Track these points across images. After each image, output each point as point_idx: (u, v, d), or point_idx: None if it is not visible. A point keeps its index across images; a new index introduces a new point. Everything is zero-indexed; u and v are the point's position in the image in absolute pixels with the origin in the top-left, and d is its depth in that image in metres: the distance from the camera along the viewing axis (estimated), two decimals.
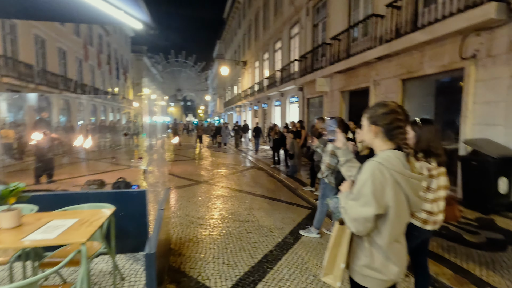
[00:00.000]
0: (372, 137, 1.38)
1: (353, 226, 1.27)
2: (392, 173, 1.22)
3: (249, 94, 23.37)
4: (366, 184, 1.23)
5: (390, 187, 1.22)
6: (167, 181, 7.40)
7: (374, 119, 1.36)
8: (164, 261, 2.78)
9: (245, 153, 14.31)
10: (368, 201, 1.21)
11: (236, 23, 30.54)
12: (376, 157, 1.30)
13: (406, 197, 1.27)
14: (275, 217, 4.57)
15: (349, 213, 1.27)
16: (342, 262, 1.37)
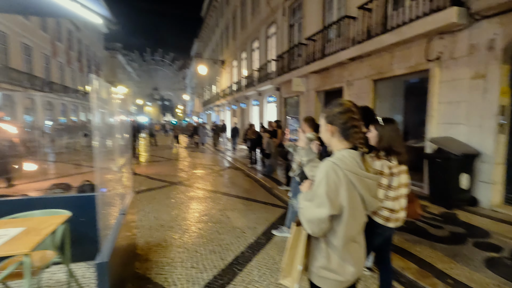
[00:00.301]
0: (329, 137, 1.37)
1: (308, 227, 1.25)
2: (346, 173, 1.21)
3: (228, 93, 23.21)
4: (321, 184, 1.21)
5: (344, 188, 1.21)
6: (138, 183, 7.15)
7: (330, 119, 1.35)
8: (128, 268, 2.65)
9: (222, 153, 14.18)
10: (322, 202, 1.19)
11: (214, 21, 30.22)
12: (331, 157, 1.29)
13: (361, 197, 1.26)
14: (249, 218, 4.53)
15: (304, 214, 1.25)
16: (299, 264, 1.34)
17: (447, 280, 2.69)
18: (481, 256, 3.16)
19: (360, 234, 1.35)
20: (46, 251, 2.22)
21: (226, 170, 9.34)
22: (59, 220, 2.03)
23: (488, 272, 2.85)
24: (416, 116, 7.92)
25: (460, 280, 2.71)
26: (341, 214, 1.23)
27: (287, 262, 1.40)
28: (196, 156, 13.11)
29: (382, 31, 6.49)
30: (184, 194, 6.01)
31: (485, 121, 4.81)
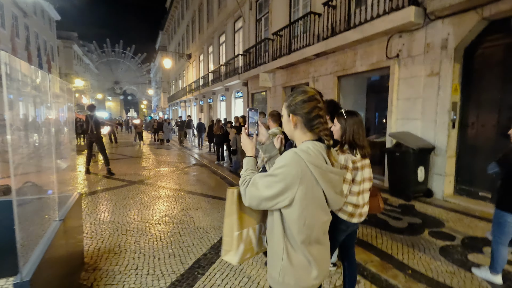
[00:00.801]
0: (292, 128, 1.23)
1: (248, 202, 1.18)
2: (309, 165, 1.08)
3: (194, 88, 22.54)
4: (277, 171, 1.10)
5: (303, 181, 1.08)
6: (93, 183, 6.60)
7: (292, 108, 1.21)
8: (70, 280, 2.34)
9: (188, 149, 13.73)
10: (271, 186, 1.10)
11: (179, 13, 29.11)
12: (296, 147, 1.17)
13: (324, 193, 1.14)
14: (213, 216, 4.34)
15: (250, 191, 1.16)
16: (235, 230, 1.25)
17: (407, 271, 2.75)
18: (436, 245, 3.30)
19: (324, 234, 1.23)
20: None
21: (191, 167, 9.00)
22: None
23: (443, 260, 2.97)
24: (378, 112, 8.25)
25: (418, 270, 2.78)
26: (293, 210, 1.11)
27: (226, 232, 1.29)
28: (160, 153, 12.53)
29: (345, 28, 6.60)
30: (144, 194, 5.63)
31: (439, 117, 5.09)
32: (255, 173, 1.23)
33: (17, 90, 1.52)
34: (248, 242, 1.30)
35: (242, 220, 1.28)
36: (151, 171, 8.24)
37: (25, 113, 3.39)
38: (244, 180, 1.20)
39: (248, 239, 1.30)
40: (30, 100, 1.94)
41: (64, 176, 2.69)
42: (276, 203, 1.11)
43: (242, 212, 1.28)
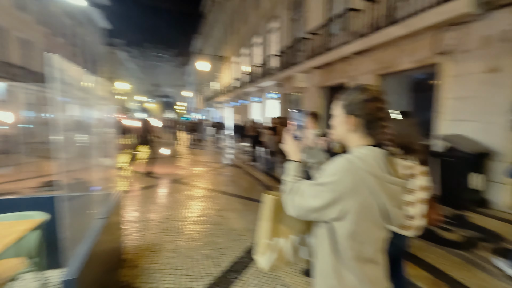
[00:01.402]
0: (347, 131, 1.09)
1: (293, 211, 1.08)
2: (365, 175, 0.96)
3: (229, 90, 22.93)
4: (327, 180, 1.00)
5: (356, 192, 0.95)
6: (134, 181, 6.93)
7: (352, 108, 1.07)
8: (111, 276, 2.42)
9: (223, 150, 13.94)
10: (319, 195, 1.00)
11: (214, 17, 29.86)
12: (350, 153, 1.04)
13: (381, 207, 1.01)
14: (248, 219, 4.29)
15: (295, 199, 1.07)
16: (266, 238, 1.21)
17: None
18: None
19: (379, 253, 1.08)
20: (16, 260, 1.98)
21: (226, 167, 9.10)
22: (29, 226, 1.79)
23: (504, 280, 2.60)
24: (423, 113, 7.63)
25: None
26: (345, 224, 0.99)
27: (259, 235, 1.25)
28: (196, 153, 12.87)
29: (388, 23, 6.20)
30: (180, 193, 5.78)
31: (497, 118, 4.54)
32: (300, 180, 1.13)
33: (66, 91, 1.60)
34: (280, 251, 1.22)
35: (276, 229, 1.23)
36: (187, 170, 8.47)
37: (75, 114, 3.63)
38: (291, 187, 1.11)
39: (281, 249, 1.22)
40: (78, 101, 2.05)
41: (108, 174, 2.81)
42: (324, 215, 1.02)
43: (276, 220, 1.22)
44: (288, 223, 1.24)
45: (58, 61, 1.45)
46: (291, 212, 1.09)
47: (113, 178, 3.00)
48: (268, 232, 1.21)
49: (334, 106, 1.15)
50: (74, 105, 1.94)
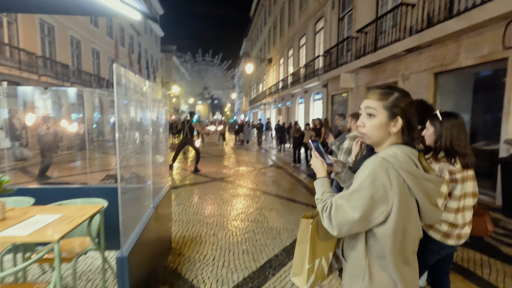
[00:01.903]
0: (387, 132, 1.07)
1: (336, 230, 1.00)
2: (401, 172, 0.95)
3: (273, 91, 23.11)
4: (364, 184, 0.96)
5: (395, 191, 0.94)
6: (182, 177, 7.42)
7: (400, 110, 1.04)
8: (160, 261, 2.68)
9: (266, 151, 14.11)
10: (360, 205, 0.95)
11: (262, 20, 30.35)
12: (380, 153, 1.03)
13: (418, 204, 0.99)
14: (287, 219, 4.33)
15: (336, 215, 1.00)
16: (307, 263, 1.18)
17: None
18: None
19: (413, 254, 1.05)
20: (85, 238, 2.33)
21: (268, 168, 9.22)
22: (94, 210, 2.09)
23: None
24: (488, 115, 6.83)
25: None
26: (386, 224, 0.97)
27: (297, 258, 1.25)
28: (240, 154, 13.25)
29: (446, 17, 5.69)
30: (224, 191, 6.04)
31: None
32: (333, 195, 1.09)
33: (125, 95, 1.85)
34: (320, 271, 1.24)
35: (315, 251, 1.20)
36: (231, 169, 8.78)
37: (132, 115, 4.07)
38: (325, 205, 1.05)
39: (320, 268, 1.24)
40: (135, 103, 2.32)
41: (160, 170, 3.10)
42: (371, 222, 0.98)
43: (315, 242, 1.19)
44: (325, 242, 1.23)
45: (121, 69, 1.68)
46: (334, 231, 1.01)
47: (164, 174, 3.30)
48: (308, 256, 1.17)
49: (372, 107, 1.08)
50: (133, 107, 2.21)
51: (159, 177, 3.11)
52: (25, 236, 1.61)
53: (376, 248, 1.01)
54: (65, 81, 15.99)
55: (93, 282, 2.50)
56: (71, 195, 2.59)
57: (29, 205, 2.38)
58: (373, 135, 1.09)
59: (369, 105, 1.08)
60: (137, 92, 2.47)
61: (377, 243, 1.01)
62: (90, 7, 2.40)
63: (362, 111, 1.12)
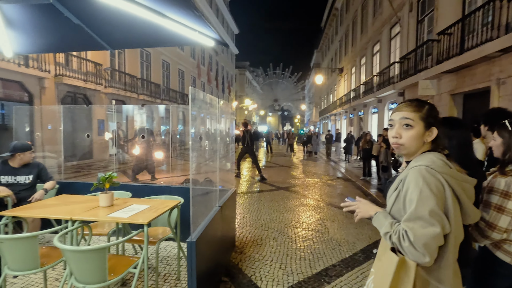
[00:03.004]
0: (423, 142, 1.12)
1: (426, 254, 0.94)
2: (445, 177, 1.00)
3: (344, 101, 22.34)
4: (424, 195, 0.96)
5: (447, 194, 0.99)
6: (250, 184, 7.86)
7: (434, 121, 1.12)
8: (225, 255, 3.01)
9: (335, 162, 13.70)
10: (435, 216, 0.95)
11: (333, 30, 29.95)
12: (417, 162, 1.08)
13: (461, 206, 1.04)
14: (349, 231, 4.23)
15: (416, 238, 0.94)
16: None
17: None
18: None
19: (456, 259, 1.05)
20: (166, 228, 2.83)
21: (335, 180, 8.98)
22: (173, 204, 2.56)
23: None
24: None
25: None
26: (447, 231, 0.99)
27: None
28: (307, 165, 13.20)
29: None
30: (288, 200, 6.21)
31: None
32: (399, 222, 1.05)
33: (198, 109, 2.27)
34: None
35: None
36: (297, 180, 8.88)
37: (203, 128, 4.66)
38: (400, 236, 0.98)
39: None
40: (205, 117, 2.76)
41: (226, 175, 3.50)
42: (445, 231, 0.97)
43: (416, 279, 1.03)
44: None
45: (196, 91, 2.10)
46: (424, 258, 0.94)
47: (229, 178, 3.70)
48: None
49: (410, 119, 1.11)
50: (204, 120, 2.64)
51: (225, 181, 3.51)
52: (125, 218, 2.12)
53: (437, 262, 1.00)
54: (157, 98, 18.75)
55: (170, 265, 2.99)
56: (157, 192, 3.19)
57: (128, 197, 3.03)
58: (410, 146, 1.12)
59: (406, 116, 1.12)
60: (209, 108, 2.91)
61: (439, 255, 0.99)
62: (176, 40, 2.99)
63: (395, 123, 1.17)
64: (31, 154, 3.18)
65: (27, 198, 2.96)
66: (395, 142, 1.16)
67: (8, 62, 9.34)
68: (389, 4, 12.58)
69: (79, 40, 3.06)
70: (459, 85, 8.02)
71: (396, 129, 1.15)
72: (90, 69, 13.08)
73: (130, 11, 2.18)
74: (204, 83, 28.88)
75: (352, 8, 20.75)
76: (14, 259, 1.98)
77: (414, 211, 0.97)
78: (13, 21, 2.67)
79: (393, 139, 1.17)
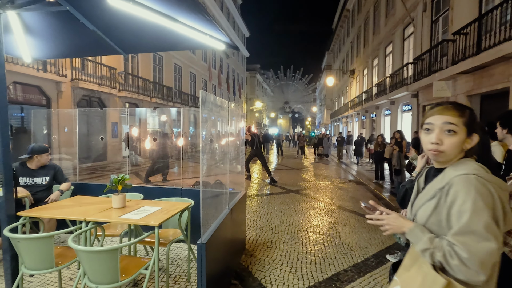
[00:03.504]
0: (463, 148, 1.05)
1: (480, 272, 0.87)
2: (494, 187, 0.93)
3: (356, 103, 22.06)
4: (477, 207, 0.90)
5: (498, 206, 0.92)
6: (260, 186, 7.85)
7: (475, 127, 1.06)
8: (235, 258, 3.01)
9: (346, 165, 13.52)
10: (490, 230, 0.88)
11: (344, 32, 29.70)
12: (459, 170, 1.00)
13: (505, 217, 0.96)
14: (361, 236, 4.16)
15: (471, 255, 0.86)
16: None
17: None
18: None
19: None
20: (176, 230, 2.85)
21: (346, 183, 8.86)
22: (184, 206, 2.58)
23: None
24: None
25: None
26: None
27: None
28: (318, 167, 13.07)
29: None
30: (298, 203, 6.15)
31: None
32: (442, 237, 0.98)
33: (209, 112, 2.29)
34: None
35: None
36: (307, 182, 8.81)
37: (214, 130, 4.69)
38: (446, 253, 0.92)
39: None
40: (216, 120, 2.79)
41: (236, 178, 3.51)
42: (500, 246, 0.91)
43: None
44: None
45: (207, 94, 2.11)
46: (478, 276, 0.87)
47: (239, 181, 3.70)
48: None
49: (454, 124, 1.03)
50: (213, 123, 2.66)
51: (235, 184, 3.51)
52: (137, 219, 2.15)
53: None
54: (169, 101, 19.03)
55: (181, 267, 3.01)
56: (168, 194, 3.23)
57: (140, 198, 3.07)
58: (451, 153, 1.04)
59: (450, 121, 1.02)
60: (220, 110, 2.93)
61: None
62: (188, 43, 3.03)
63: (434, 127, 1.06)
64: (48, 156, 3.28)
65: (43, 199, 3.05)
66: (435, 149, 1.05)
67: (27, 67, 9.70)
68: (402, 4, 12.37)
69: (94, 45, 3.15)
70: (476, 86, 7.79)
71: (437, 134, 1.04)
72: (104, 73, 13.42)
73: (143, 16, 2.22)
74: (215, 86, 29.13)
75: (364, 9, 20.52)
76: (30, 258, 2.04)
77: (467, 224, 0.88)
78: (32, 28, 2.77)
79: (432, 145, 1.06)
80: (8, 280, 2.26)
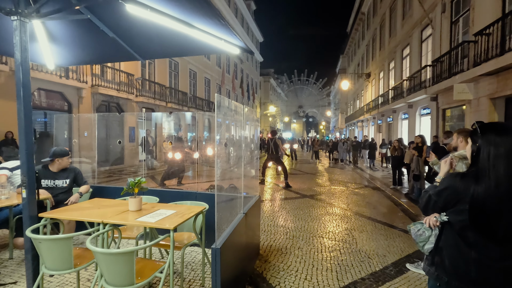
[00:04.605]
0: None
1: None
2: None
3: (372, 107, 21.63)
4: None
5: None
6: (274, 191, 7.79)
7: None
8: (249, 263, 2.98)
9: (362, 170, 13.23)
10: None
11: (359, 35, 29.34)
12: None
13: None
14: (379, 243, 4.02)
15: None
16: None
17: None
18: None
19: None
20: (191, 234, 2.85)
21: (363, 188, 8.65)
22: (198, 209, 2.58)
23: None
24: None
25: None
26: None
27: None
28: (333, 172, 12.86)
29: None
30: (313, 208, 6.06)
31: None
32: None
33: (223, 116, 2.29)
34: None
35: None
36: (322, 188, 8.67)
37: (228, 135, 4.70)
38: None
39: None
40: (233, 123, 2.78)
41: (250, 182, 3.49)
42: None
43: None
44: None
45: (222, 98, 2.12)
46: None
47: (254, 185, 3.68)
48: None
49: None
50: (233, 126, 2.66)
51: (249, 188, 3.49)
52: (152, 223, 2.17)
53: None
54: (184, 106, 19.34)
55: (195, 271, 3.01)
56: (183, 198, 3.25)
57: (156, 202, 3.11)
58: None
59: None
60: (234, 114, 2.93)
61: None
62: (203, 48, 3.07)
63: None
64: (68, 159, 3.38)
65: (64, 201, 3.14)
66: None
67: (51, 75, 10.13)
68: (420, 5, 12.09)
69: (113, 52, 3.24)
70: (500, 88, 7.46)
71: None
72: (122, 79, 13.82)
73: (160, 22, 2.27)
74: (229, 90, 29.39)
75: (380, 11, 20.22)
76: (50, 259, 2.09)
77: None
78: (55, 36, 2.88)
79: None
80: (30, 279, 2.32)
